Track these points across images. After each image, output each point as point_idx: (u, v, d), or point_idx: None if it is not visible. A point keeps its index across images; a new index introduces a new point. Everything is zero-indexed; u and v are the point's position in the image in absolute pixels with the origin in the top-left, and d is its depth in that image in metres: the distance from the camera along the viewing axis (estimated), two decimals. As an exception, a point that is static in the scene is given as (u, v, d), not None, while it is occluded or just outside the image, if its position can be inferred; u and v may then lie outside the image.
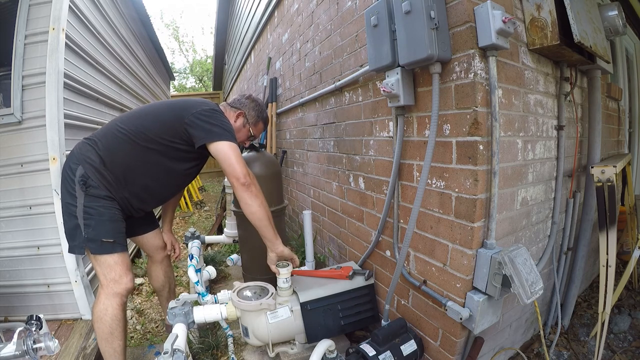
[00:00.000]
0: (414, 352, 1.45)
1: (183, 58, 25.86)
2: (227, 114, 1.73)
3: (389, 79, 1.40)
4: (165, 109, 1.56)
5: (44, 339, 1.17)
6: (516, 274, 1.14)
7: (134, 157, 1.50)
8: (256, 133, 1.85)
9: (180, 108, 1.53)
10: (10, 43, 1.93)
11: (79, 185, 1.45)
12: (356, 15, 1.85)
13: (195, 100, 1.59)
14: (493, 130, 1.18)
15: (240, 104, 1.79)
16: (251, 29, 4.85)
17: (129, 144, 1.49)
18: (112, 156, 1.48)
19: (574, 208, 1.76)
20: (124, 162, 1.49)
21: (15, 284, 2.06)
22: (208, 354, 1.84)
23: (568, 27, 1.28)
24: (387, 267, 1.75)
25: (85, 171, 1.45)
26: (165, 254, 1.93)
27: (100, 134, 1.55)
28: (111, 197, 1.49)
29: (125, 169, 1.50)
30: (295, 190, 3.34)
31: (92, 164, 1.46)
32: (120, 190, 1.50)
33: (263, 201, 1.52)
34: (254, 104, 1.81)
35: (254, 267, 2.17)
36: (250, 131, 1.80)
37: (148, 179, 1.54)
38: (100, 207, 1.45)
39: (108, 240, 1.44)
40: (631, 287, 2.24)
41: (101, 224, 1.45)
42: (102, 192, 1.46)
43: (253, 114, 1.80)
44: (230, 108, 1.78)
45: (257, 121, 1.82)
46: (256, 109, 1.81)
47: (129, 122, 1.53)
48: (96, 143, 1.51)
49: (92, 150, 1.49)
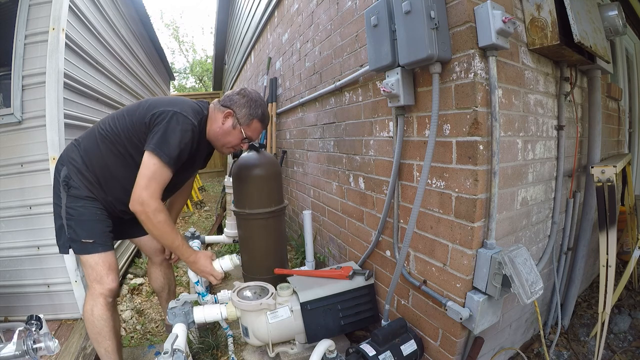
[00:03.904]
0: (414, 352, 1.45)
1: (183, 58, 25.93)
2: (214, 115, 1.54)
3: (389, 79, 1.40)
4: (136, 109, 1.45)
5: (44, 339, 1.17)
6: (516, 274, 1.14)
7: (109, 159, 1.45)
8: (251, 134, 1.59)
9: (146, 109, 1.42)
10: (10, 43, 1.94)
11: (62, 185, 1.45)
12: (356, 15, 1.85)
13: (161, 100, 1.46)
14: (493, 130, 1.18)
15: (230, 102, 1.54)
16: (251, 29, 4.85)
17: (105, 145, 1.45)
18: (89, 157, 1.46)
19: (574, 208, 1.76)
20: (100, 164, 1.46)
21: (15, 284, 2.06)
22: (208, 354, 1.84)
23: (568, 27, 1.28)
24: (387, 267, 1.75)
25: (68, 172, 1.45)
26: (164, 257, 1.90)
27: (84, 135, 1.54)
28: (92, 198, 1.46)
29: (104, 171, 1.46)
30: (295, 190, 3.34)
31: (74, 164, 1.46)
32: (100, 191, 1.48)
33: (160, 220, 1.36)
34: (245, 100, 1.54)
35: (254, 267, 2.17)
36: (242, 132, 1.55)
37: (127, 181, 1.42)
38: (81, 207, 1.44)
39: (87, 240, 1.43)
40: (631, 287, 2.24)
41: (80, 225, 1.44)
42: (83, 192, 1.45)
43: (244, 112, 1.53)
44: (218, 108, 1.55)
45: (250, 120, 1.55)
46: (248, 106, 1.54)
47: (107, 122, 1.49)
48: (80, 144, 1.50)
49: (75, 151, 1.49)
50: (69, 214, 1.44)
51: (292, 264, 2.76)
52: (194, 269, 1.59)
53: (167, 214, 1.40)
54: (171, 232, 1.43)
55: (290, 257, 2.88)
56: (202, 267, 1.57)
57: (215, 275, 1.58)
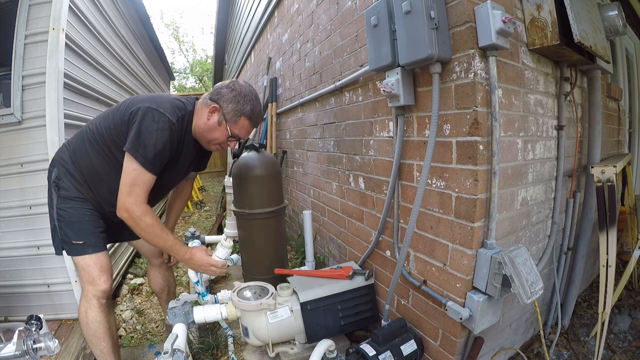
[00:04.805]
0: (414, 352, 1.45)
1: (183, 58, 25.95)
2: (200, 110, 1.44)
3: (389, 79, 1.40)
4: (118, 107, 1.41)
5: (44, 339, 1.17)
6: (516, 274, 1.14)
7: (95, 159, 1.43)
8: (238, 132, 1.45)
9: (126, 106, 1.37)
10: (10, 43, 1.94)
11: (52, 186, 1.44)
12: (356, 15, 1.85)
13: (141, 98, 1.40)
14: (493, 130, 1.18)
15: (217, 96, 1.41)
16: (251, 29, 4.85)
17: (90, 145, 1.43)
18: (77, 157, 1.44)
19: (574, 208, 1.76)
20: (87, 163, 1.43)
21: (15, 284, 2.06)
22: (208, 354, 1.83)
23: (568, 27, 1.28)
24: (387, 267, 1.75)
25: (58, 173, 1.44)
26: (162, 259, 1.88)
27: (74, 135, 1.52)
28: (82, 198, 1.44)
29: (90, 170, 1.44)
30: (295, 190, 3.34)
31: (64, 165, 1.45)
32: (89, 191, 1.46)
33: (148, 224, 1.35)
34: (233, 95, 1.39)
35: (254, 267, 2.17)
36: (228, 130, 1.43)
37: (112, 181, 1.39)
38: (70, 208, 1.43)
39: (77, 242, 1.41)
40: (631, 287, 2.24)
41: (70, 226, 1.42)
42: (73, 193, 1.43)
43: (231, 107, 1.39)
44: (205, 102, 1.43)
45: (237, 117, 1.41)
46: (236, 101, 1.39)
47: (94, 121, 1.47)
48: (70, 144, 1.49)
49: (65, 151, 1.48)
50: (59, 215, 1.43)
51: (292, 264, 2.76)
52: (192, 265, 1.56)
53: (155, 216, 1.38)
54: (161, 233, 1.40)
55: (290, 257, 2.88)
56: (200, 261, 1.54)
57: (215, 264, 1.55)
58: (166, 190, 1.69)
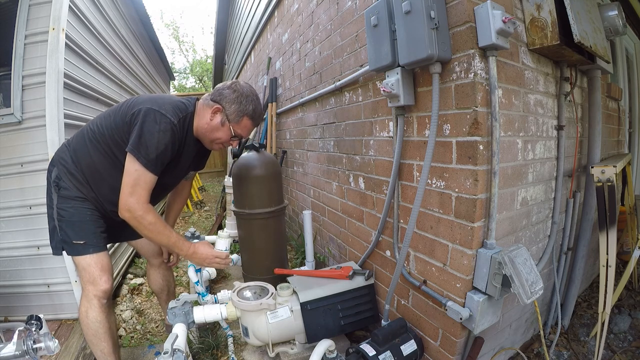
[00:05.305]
0: (414, 352, 1.45)
1: (183, 58, 25.91)
2: (202, 111, 1.47)
3: (389, 79, 1.40)
4: (120, 107, 1.42)
5: (44, 339, 1.17)
6: (516, 274, 1.14)
7: (96, 158, 1.43)
8: (241, 132, 1.50)
9: (127, 107, 1.39)
10: (10, 43, 1.94)
11: (53, 186, 1.44)
12: (356, 15, 1.85)
13: (143, 98, 1.41)
14: (493, 130, 1.18)
15: (219, 97, 1.45)
16: (251, 29, 4.85)
17: (92, 144, 1.43)
18: (78, 157, 1.45)
19: (574, 208, 1.76)
20: (88, 162, 1.44)
21: (15, 284, 2.06)
22: (208, 354, 1.83)
23: (568, 27, 1.28)
24: (387, 267, 1.75)
25: (59, 172, 1.44)
26: (162, 259, 1.87)
27: (74, 135, 1.52)
28: (83, 198, 1.44)
29: (91, 170, 1.44)
30: (295, 190, 3.34)
31: (64, 165, 1.45)
32: (90, 190, 1.46)
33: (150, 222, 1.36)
34: (235, 95, 1.44)
35: (254, 267, 2.17)
36: (231, 130, 1.48)
37: (113, 180, 1.40)
38: (70, 208, 1.43)
39: (78, 242, 1.41)
40: (631, 287, 2.24)
41: (71, 226, 1.42)
42: (73, 192, 1.43)
43: (233, 108, 1.44)
44: (207, 103, 1.47)
45: (240, 117, 1.46)
46: (238, 102, 1.44)
47: (95, 121, 1.47)
48: (70, 144, 1.49)
49: (66, 151, 1.48)
50: (60, 215, 1.43)
51: (292, 264, 2.76)
52: (197, 259, 1.56)
53: (156, 214, 1.39)
54: (164, 230, 1.41)
55: (290, 257, 2.88)
56: (204, 255, 1.55)
57: (220, 255, 1.57)
58: (168, 189, 1.70)
